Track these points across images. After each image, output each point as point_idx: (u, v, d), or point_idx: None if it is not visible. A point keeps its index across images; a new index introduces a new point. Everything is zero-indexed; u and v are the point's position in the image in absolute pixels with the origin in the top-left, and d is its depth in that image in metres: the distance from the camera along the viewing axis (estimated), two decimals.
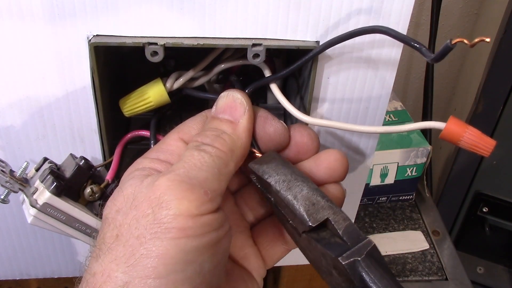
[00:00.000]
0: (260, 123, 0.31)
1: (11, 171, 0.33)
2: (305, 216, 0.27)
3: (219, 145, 0.28)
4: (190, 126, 0.31)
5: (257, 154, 0.31)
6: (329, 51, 0.33)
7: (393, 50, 0.34)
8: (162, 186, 0.25)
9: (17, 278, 0.45)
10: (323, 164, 0.32)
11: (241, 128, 0.30)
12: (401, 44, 0.33)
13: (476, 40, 0.25)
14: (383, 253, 0.82)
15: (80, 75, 0.33)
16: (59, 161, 0.35)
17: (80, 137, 0.36)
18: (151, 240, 0.24)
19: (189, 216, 0.25)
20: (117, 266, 0.24)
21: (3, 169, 0.33)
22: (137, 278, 0.24)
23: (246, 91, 0.33)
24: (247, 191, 0.35)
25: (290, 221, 0.28)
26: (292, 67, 0.32)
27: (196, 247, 0.25)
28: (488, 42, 0.25)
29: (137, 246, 0.24)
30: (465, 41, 0.25)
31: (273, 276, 0.70)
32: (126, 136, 0.38)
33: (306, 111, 0.35)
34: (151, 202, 0.25)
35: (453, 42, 0.25)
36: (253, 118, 0.30)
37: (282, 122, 0.31)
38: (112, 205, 0.26)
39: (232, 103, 0.30)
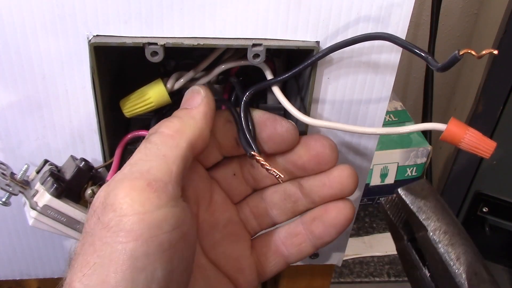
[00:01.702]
0: (269, 124, 0.31)
1: (12, 174, 0.33)
2: (466, 286, 0.24)
3: (164, 128, 0.27)
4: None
5: (257, 158, 0.30)
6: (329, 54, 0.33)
7: (392, 54, 0.34)
8: (108, 188, 0.25)
9: (17, 278, 0.45)
10: (336, 179, 0.32)
11: (195, 111, 0.29)
12: (400, 48, 0.33)
13: (484, 52, 0.25)
14: (383, 253, 0.83)
15: (80, 75, 0.33)
16: (59, 161, 0.35)
17: (80, 137, 0.36)
18: (102, 247, 0.24)
19: (134, 215, 0.24)
20: (75, 276, 0.24)
21: (4, 172, 0.33)
22: (92, 287, 0.23)
23: (247, 93, 0.33)
24: (254, 199, 0.34)
25: (435, 276, 0.25)
26: (293, 71, 0.32)
27: (145, 252, 0.24)
28: (496, 54, 0.25)
29: (91, 254, 0.24)
30: (473, 52, 0.25)
31: (273, 276, 0.69)
32: (126, 137, 0.38)
33: (306, 112, 0.35)
34: (100, 206, 0.25)
35: (461, 53, 0.25)
36: (211, 105, 0.30)
37: (292, 122, 0.31)
38: (88, 212, 0.26)
39: (190, 95, 0.30)
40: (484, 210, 1.02)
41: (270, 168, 0.30)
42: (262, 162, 0.30)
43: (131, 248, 0.23)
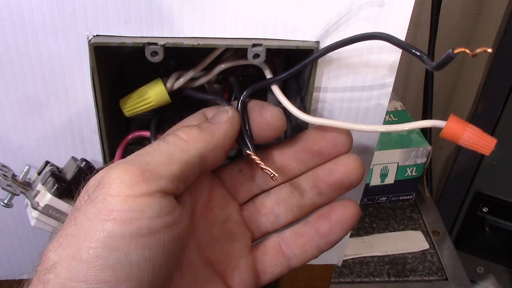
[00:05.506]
0: (257, 111, 0.31)
1: (13, 175, 0.34)
2: None
3: (181, 133, 0.28)
4: (188, 124, 0.31)
5: (252, 157, 0.30)
6: (328, 53, 0.33)
7: (392, 54, 0.34)
8: (105, 170, 0.25)
9: (17, 278, 0.45)
10: (343, 165, 0.32)
11: (217, 127, 0.29)
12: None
13: (478, 50, 0.25)
14: (383, 253, 0.83)
15: (80, 75, 0.33)
16: (59, 162, 0.35)
17: (80, 137, 0.36)
18: (83, 221, 0.24)
19: (119, 196, 0.24)
20: (52, 246, 0.24)
21: (5, 174, 0.33)
22: (65, 259, 0.23)
23: (245, 93, 0.33)
24: (260, 197, 0.34)
25: None
26: (291, 70, 0.32)
27: (122, 233, 0.23)
28: (490, 52, 0.25)
29: (71, 226, 0.24)
30: (467, 51, 0.25)
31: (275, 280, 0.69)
32: (127, 138, 0.38)
33: (307, 112, 0.35)
34: (93, 185, 0.25)
35: (455, 51, 0.25)
36: (235, 126, 0.30)
37: (278, 107, 0.31)
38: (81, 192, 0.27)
39: (219, 112, 0.31)
40: (484, 210, 1.03)
41: (264, 167, 0.30)
42: (257, 161, 0.30)
43: (108, 226, 0.23)
